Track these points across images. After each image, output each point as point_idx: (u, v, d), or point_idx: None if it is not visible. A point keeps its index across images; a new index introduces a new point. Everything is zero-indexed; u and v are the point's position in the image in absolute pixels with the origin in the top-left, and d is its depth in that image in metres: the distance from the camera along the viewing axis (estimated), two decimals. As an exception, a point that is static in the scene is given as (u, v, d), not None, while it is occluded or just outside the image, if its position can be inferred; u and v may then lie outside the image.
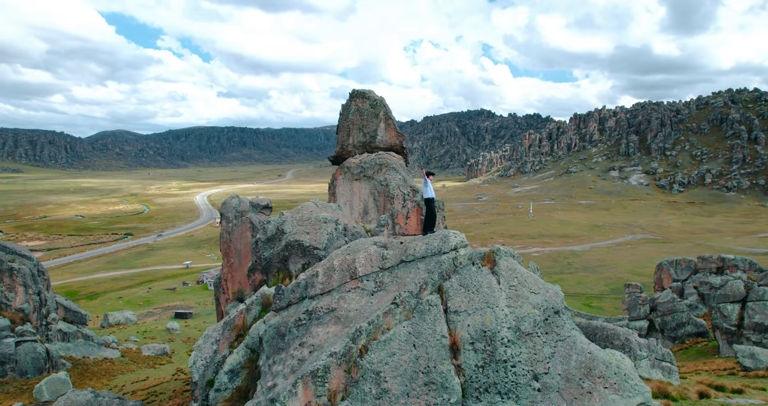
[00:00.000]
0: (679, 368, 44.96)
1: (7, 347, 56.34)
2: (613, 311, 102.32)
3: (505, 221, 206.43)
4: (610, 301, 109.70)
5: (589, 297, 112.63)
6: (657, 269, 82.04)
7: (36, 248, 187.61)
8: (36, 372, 58.58)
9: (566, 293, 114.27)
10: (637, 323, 61.72)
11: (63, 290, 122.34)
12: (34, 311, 60.49)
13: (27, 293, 59.68)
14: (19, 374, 57.60)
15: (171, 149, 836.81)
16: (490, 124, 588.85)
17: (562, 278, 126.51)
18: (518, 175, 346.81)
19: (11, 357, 56.51)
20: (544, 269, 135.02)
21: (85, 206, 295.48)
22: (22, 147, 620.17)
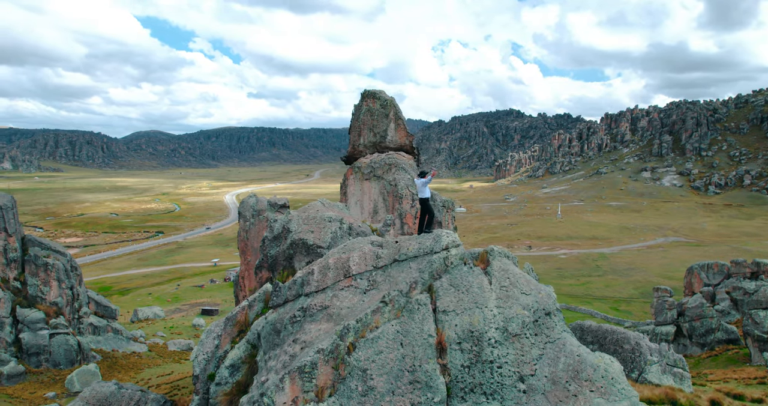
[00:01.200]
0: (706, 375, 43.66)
1: (41, 339, 58.65)
2: (641, 315, 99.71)
3: (533, 222, 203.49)
4: (639, 305, 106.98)
5: (617, 301, 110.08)
6: (687, 272, 79.63)
7: (73, 244, 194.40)
8: (68, 363, 60.79)
9: (593, 296, 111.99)
10: (663, 328, 60.06)
11: (97, 286, 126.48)
12: (67, 304, 62.74)
13: (60, 287, 61.95)
14: (53, 364, 59.87)
15: (202, 149, 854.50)
16: (519, 124, 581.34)
17: (590, 280, 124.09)
18: (547, 175, 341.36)
19: (45, 348, 58.79)
20: (572, 272, 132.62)
21: (119, 205, 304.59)
22: (62, 147, 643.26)
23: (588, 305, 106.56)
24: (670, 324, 60.92)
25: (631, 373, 18.12)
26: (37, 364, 58.05)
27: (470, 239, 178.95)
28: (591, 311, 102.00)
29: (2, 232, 59.14)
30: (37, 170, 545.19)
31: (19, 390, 54.53)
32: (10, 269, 59.96)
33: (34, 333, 57.58)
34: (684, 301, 64.23)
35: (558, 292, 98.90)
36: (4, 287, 58.55)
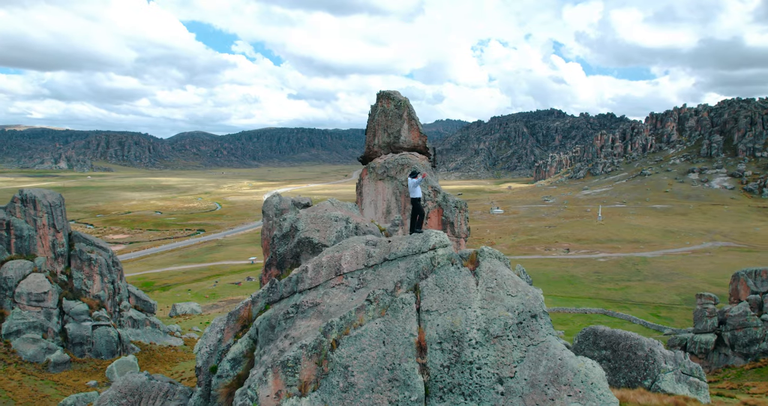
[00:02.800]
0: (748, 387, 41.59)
1: (85, 330, 61.60)
2: (684, 323, 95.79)
3: (572, 224, 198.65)
4: (682, 312, 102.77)
5: (657, 306, 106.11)
6: (733, 279, 75.94)
7: (119, 241, 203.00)
8: (109, 354, 63.64)
9: (632, 301, 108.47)
10: (702, 337, 57.63)
11: (140, 281, 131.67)
12: (109, 298, 65.67)
13: (103, 281, 64.90)
14: (95, 354, 62.81)
15: (243, 150, 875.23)
16: (560, 125, 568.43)
17: (629, 285, 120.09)
18: (588, 177, 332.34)
19: (88, 339, 61.72)
20: (610, 275, 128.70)
21: (164, 203, 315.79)
22: (113, 148, 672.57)
23: (626, 310, 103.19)
24: (710, 332, 58.37)
25: (644, 381, 17.57)
26: (81, 353, 61.05)
27: (507, 241, 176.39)
28: (629, 316, 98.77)
29: (51, 228, 62.46)
30: (90, 170, 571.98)
31: (64, 377, 57.47)
32: (57, 263, 63.29)
33: (79, 324, 60.57)
34: (726, 309, 61.38)
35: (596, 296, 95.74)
36: (52, 280, 61.85)
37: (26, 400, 50.46)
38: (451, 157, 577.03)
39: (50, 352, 57.58)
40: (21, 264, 59.66)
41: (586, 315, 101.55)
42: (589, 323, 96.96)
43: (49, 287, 59.60)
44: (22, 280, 59.15)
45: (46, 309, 59.04)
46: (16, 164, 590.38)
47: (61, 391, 53.78)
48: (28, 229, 60.86)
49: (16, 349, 57.64)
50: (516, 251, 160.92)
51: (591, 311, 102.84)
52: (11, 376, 54.49)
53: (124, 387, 33.79)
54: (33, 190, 63.38)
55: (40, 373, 56.36)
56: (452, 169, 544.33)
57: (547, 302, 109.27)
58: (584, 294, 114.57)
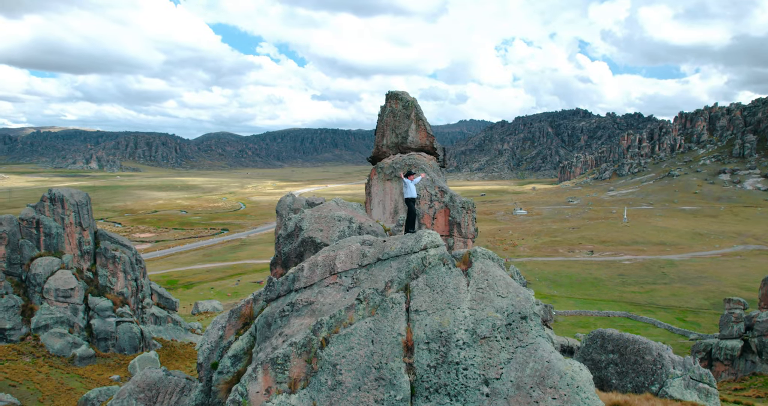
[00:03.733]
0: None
1: (109, 326, 63.25)
2: (711, 328, 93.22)
3: (596, 225, 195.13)
4: (710, 316, 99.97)
5: (683, 311, 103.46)
6: (763, 283, 73.69)
7: (146, 239, 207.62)
8: (132, 350, 65.19)
9: (657, 304, 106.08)
10: (728, 343, 56.00)
11: (164, 279, 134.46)
12: (132, 295, 67.26)
13: (126, 278, 66.51)
14: (118, 350, 64.43)
15: (268, 150, 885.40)
16: (586, 125, 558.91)
17: (654, 288, 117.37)
18: (614, 178, 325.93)
19: (112, 334, 63.34)
20: (635, 278, 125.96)
21: (189, 203, 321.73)
22: (141, 148, 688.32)
23: (651, 314, 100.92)
24: (737, 338, 56.66)
25: (651, 386, 17.22)
26: (105, 348, 62.73)
27: (529, 242, 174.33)
28: (653, 320, 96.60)
29: (78, 226, 64.32)
30: (119, 170, 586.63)
31: (89, 371, 59.13)
32: (83, 260, 65.13)
33: (103, 320, 62.24)
34: (754, 314, 59.48)
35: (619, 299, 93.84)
36: (79, 277, 63.70)
37: (52, 392, 52.10)
38: (474, 158, 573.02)
39: (76, 346, 59.31)
40: (49, 261, 61.62)
41: (608, 318, 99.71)
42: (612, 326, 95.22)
43: (76, 284, 61.42)
44: (50, 276, 61.10)
45: (72, 305, 60.84)
46: (50, 164, 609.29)
47: (86, 384, 55.35)
48: (56, 227, 62.82)
49: (45, 343, 59.57)
50: (538, 252, 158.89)
51: (614, 314, 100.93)
52: (39, 369, 56.33)
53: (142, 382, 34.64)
54: (61, 190, 65.39)
55: (66, 366, 58.11)
56: (475, 170, 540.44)
57: (569, 305, 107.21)
58: (607, 297, 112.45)
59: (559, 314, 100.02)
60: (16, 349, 58.38)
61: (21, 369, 55.11)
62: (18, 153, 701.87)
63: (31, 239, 62.56)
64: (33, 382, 52.96)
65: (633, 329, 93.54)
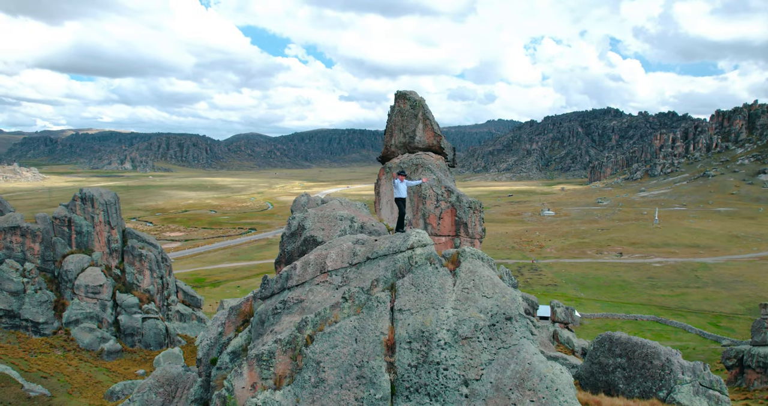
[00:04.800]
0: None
1: (135, 322, 64.99)
2: (746, 334, 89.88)
3: (626, 227, 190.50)
4: (745, 322, 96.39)
5: (717, 316, 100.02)
6: (800, 288, 70.66)
7: (176, 238, 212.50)
8: (157, 345, 66.83)
9: (689, 308, 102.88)
10: (761, 349, 53.89)
11: (192, 277, 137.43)
12: (158, 292, 68.96)
13: (152, 276, 68.21)
14: (144, 345, 66.13)
15: (296, 151, 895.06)
16: (617, 124, 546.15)
17: (686, 292, 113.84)
18: (646, 178, 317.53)
19: (138, 330, 65.04)
20: (666, 281, 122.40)
21: (218, 202, 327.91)
22: (173, 149, 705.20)
23: (681, 318, 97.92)
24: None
25: (659, 391, 16.74)
26: (132, 344, 64.49)
27: (556, 244, 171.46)
28: (684, 324, 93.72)
29: (106, 225, 66.33)
30: (152, 170, 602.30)
31: (116, 365, 60.91)
32: (112, 258, 67.11)
33: (130, 316, 64.00)
34: (788, 320, 57.00)
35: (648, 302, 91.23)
36: (107, 274, 65.68)
37: (81, 385, 53.87)
38: (502, 158, 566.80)
39: (104, 341, 61.18)
40: (80, 258, 63.72)
41: (636, 322, 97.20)
42: (640, 330, 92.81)
43: (105, 281, 63.34)
44: (80, 273, 63.18)
45: (101, 301, 62.77)
46: (87, 165, 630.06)
47: (113, 378, 57.06)
48: (86, 225, 64.92)
49: (75, 337, 61.65)
50: (565, 254, 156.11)
51: (642, 318, 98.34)
52: (69, 362, 58.34)
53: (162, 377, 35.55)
54: (91, 189, 67.56)
55: (94, 360, 60.01)
56: (503, 170, 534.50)
57: (596, 308, 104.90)
58: (636, 300, 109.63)
59: (584, 317, 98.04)
60: (49, 342, 60.60)
61: (52, 362, 57.18)
62: (58, 154, 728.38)
63: (63, 236, 64.82)
64: (63, 374, 54.88)
65: (662, 334, 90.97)
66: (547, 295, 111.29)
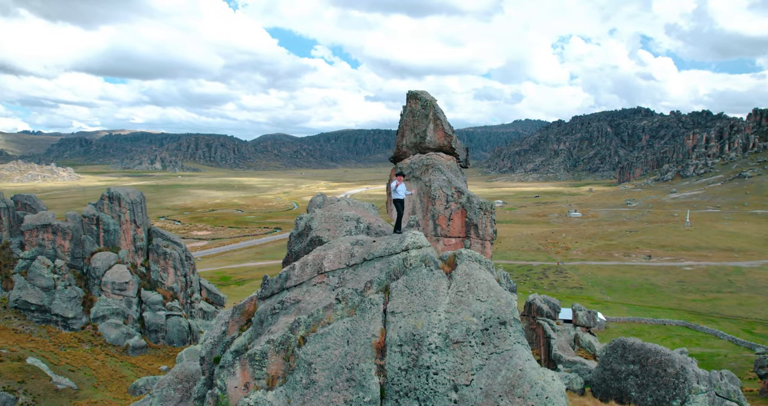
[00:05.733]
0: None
1: (159, 319, 66.35)
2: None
3: (655, 229, 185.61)
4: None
5: (751, 322, 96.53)
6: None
7: (203, 237, 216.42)
8: (180, 342, 68.11)
9: (721, 314, 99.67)
10: (794, 357, 51.65)
11: (218, 275, 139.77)
12: (181, 290, 70.27)
13: (176, 274, 69.53)
14: (168, 342, 67.46)
15: (322, 151, 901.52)
16: (647, 124, 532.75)
17: (718, 297, 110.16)
18: (677, 179, 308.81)
19: (162, 327, 66.39)
20: (697, 286, 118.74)
21: (245, 202, 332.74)
22: (201, 149, 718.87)
23: (713, 324, 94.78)
24: (804, 353, 52.13)
25: (673, 401, 16.16)
26: (156, 340, 65.88)
27: (583, 246, 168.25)
28: (715, 331, 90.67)
29: (132, 223, 67.92)
30: (181, 170, 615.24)
31: (140, 361, 62.32)
32: (137, 256, 68.68)
33: (154, 313, 65.40)
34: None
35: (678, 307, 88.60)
36: (133, 271, 67.25)
37: (106, 378, 55.31)
38: (529, 158, 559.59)
39: (129, 337, 62.68)
40: (107, 256, 65.46)
41: (664, 327, 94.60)
42: (668, 336, 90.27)
43: (130, 278, 64.91)
44: (107, 270, 64.89)
45: (127, 298, 64.33)
46: (120, 165, 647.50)
47: (137, 373, 58.42)
48: (113, 224, 66.63)
49: (102, 332, 63.35)
50: (592, 256, 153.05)
51: (671, 323, 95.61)
52: (96, 356, 59.97)
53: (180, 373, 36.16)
54: (118, 189, 69.31)
55: (120, 355, 61.55)
56: (530, 171, 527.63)
57: (622, 312, 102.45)
58: (665, 304, 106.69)
59: (610, 321, 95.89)
60: (77, 337, 62.42)
61: (80, 356, 58.87)
62: (92, 154, 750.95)
63: (91, 234, 66.66)
64: (90, 368, 56.43)
65: (692, 340, 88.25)
66: (572, 298, 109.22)
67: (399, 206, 14.61)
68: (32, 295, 61.57)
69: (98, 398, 48.89)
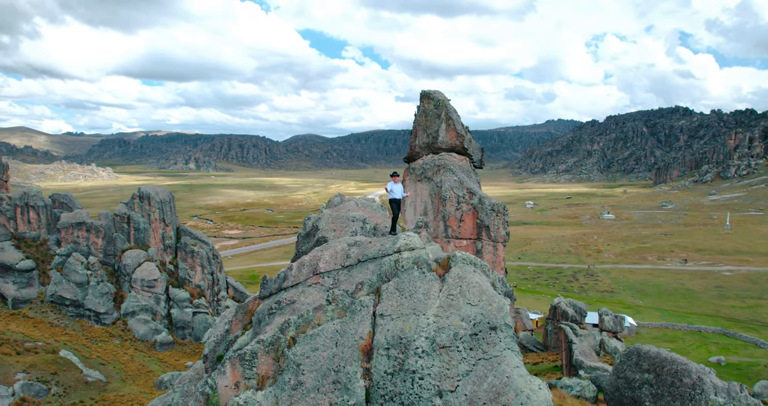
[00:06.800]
0: None
1: (186, 316, 67.80)
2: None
3: (693, 232, 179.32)
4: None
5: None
6: None
7: (234, 236, 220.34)
8: (207, 339, 69.43)
9: (762, 321, 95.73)
10: (837, 369, 49.00)
11: (247, 274, 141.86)
12: (208, 288, 71.64)
13: (203, 272, 70.93)
14: (194, 338, 68.84)
15: (352, 151, 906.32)
16: (686, 123, 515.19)
17: (760, 303, 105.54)
18: (717, 180, 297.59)
19: (189, 324, 67.81)
20: (737, 292, 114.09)
21: (275, 202, 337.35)
22: (234, 150, 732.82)
23: (753, 332, 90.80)
24: None
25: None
26: (182, 336, 67.36)
27: (615, 249, 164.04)
28: (756, 339, 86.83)
29: (161, 222, 69.63)
30: (214, 170, 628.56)
31: (167, 356, 63.81)
32: (166, 254, 70.36)
33: (181, 310, 66.87)
34: None
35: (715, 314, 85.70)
36: (161, 269, 68.94)
37: (134, 373, 56.84)
38: (561, 159, 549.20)
39: (157, 333, 64.27)
40: (137, 253, 67.30)
41: (700, 334, 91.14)
42: (704, 343, 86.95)
43: (159, 275, 66.58)
44: (137, 267, 66.72)
45: (155, 295, 65.99)
46: (156, 165, 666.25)
47: (163, 368, 59.84)
48: (143, 222, 68.48)
49: (131, 327, 65.18)
50: (624, 259, 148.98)
51: (707, 330, 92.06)
52: (125, 351, 61.72)
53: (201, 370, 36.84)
54: (148, 188, 71.19)
55: (148, 350, 63.18)
56: (562, 172, 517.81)
57: (655, 317, 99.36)
58: (701, 310, 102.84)
59: (641, 326, 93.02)
60: (108, 331, 64.41)
61: (111, 350, 60.70)
62: (130, 155, 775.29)
63: (123, 232, 68.66)
64: (119, 362, 58.11)
65: (729, 348, 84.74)
66: (602, 301, 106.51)
67: (394, 206, 14.46)
68: (67, 290, 63.84)
69: (126, 391, 50.27)
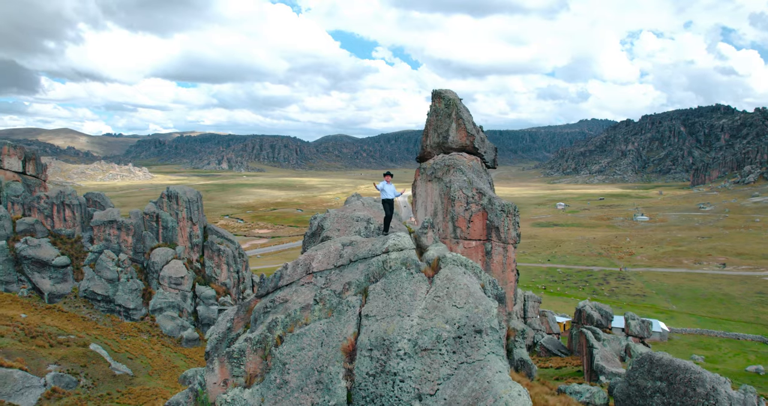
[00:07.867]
0: None
1: (212, 313, 69.07)
2: None
3: (732, 236, 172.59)
4: None
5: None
6: None
7: (264, 235, 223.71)
8: (232, 336, 70.64)
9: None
10: None
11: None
12: (234, 286, 72.84)
13: (229, 270, 72.15)
14: (220, 336, 70.05)
15: (381, 152, 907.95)
16: (727, 122, 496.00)
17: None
18: (761, 182, 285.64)
19: (214, 321, 69.06)
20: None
21: (305, 201, 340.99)
22: (265, 150, 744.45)
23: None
24: None
25: (701, 422, 14.82)
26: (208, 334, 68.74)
27: (648, 251, 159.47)
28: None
29: (189, 221, 71.18)
30: (246, 170, 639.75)
31: (193, 352, 65.17)
32: (193, 252, 71.87)
33: (207, 307, 68.20)
34: None
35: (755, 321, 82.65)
36: (188, 267, 70.48)
37: (160, 367, 58.27)
38: (594, 159, 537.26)
39: (184, 329, 65.75)
40: (165, 251, 69.00)
41: (738, 341, 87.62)
42: (741, 351, 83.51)
43: (186, 273, 68.09)
44: (165, 265, 68.40)
45: (182, 292, 67.51)
46: (190, 165, 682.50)
47: (188, 364, 61.17)
48: (171, 221, 70.17)
49: (159, 323, 66.85)
50: (658, 262, 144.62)
51: (745, 337, 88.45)
52: (153, 346, 63.34)
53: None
54: (176, 187, 72.90)
55: (174, 346, 64.70)
56: (595, 172, 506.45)
57: (690, 323, 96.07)
58: (739, 317, 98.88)
59: (674, 332, 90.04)
60: (137, 327, 66.23)
61: (138, 345, 62.40)
62: (165, 155, 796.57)
63: (151, 231, 70.50)
64: (146, 357, 59.68)
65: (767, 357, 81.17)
66: (633, 306, 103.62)
67: (387, 206, 14.33)
68: (99, 286, 65.97)
69: (151, 385, 51.57)
